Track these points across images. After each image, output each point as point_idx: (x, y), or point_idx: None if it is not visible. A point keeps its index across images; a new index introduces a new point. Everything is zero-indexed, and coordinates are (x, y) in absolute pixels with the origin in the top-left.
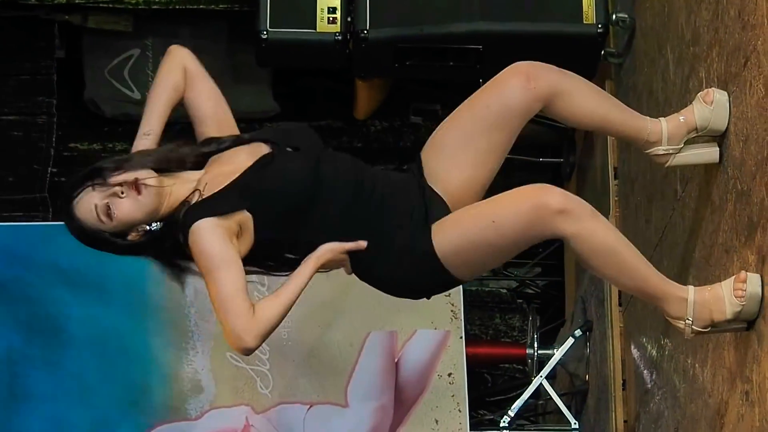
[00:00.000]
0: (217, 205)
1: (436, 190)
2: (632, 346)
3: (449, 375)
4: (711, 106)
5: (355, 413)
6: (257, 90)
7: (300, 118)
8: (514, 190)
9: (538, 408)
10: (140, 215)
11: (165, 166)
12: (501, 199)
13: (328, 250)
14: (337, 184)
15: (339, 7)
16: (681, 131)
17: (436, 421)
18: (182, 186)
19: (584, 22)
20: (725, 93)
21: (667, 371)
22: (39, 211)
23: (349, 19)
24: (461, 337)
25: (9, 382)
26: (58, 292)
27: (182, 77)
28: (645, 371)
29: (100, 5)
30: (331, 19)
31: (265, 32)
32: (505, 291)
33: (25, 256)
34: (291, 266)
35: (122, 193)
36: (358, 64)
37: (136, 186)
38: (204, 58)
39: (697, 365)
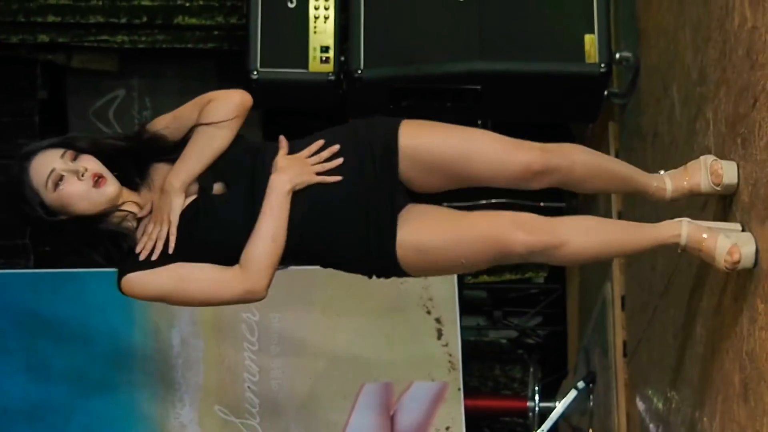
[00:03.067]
0: (152, 263)
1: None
2: (637, 399)
3: (447, 429)
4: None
5: None
6: (247, 130)
7: None
8: (482, 224)
9: None
10: (81, 206)
11: (124, 181)
12: (467, 229)
13: (287, 181)
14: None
15: (332, 47)
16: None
17: None
18: (129, 198)
19: (587, 61)
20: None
21: (674, 425)
22: (20, 258)
23: (342, 58)
24: (459, 389)
25: None
26: (39, 343)
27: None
28: (651, 425)
29: (85, 44)
30: (324, 58)
31: (255, 72)
32: (505, 341)
33: (6, 304)
34: None
35: (82, 176)
36: (352, 105)
37: (98, 180)
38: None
39: (705, 419)
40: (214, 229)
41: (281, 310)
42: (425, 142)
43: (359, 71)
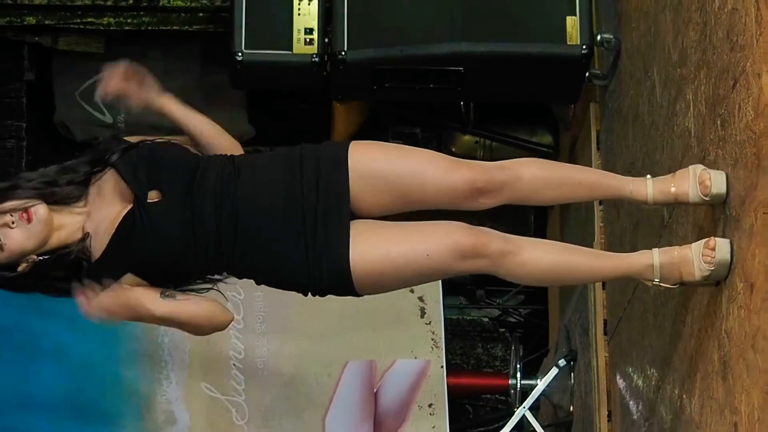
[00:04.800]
0: (103, 276)
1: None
2: (618, 376)
3: (430, 406)
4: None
5: None
6: (232, 113)
7: (276, 142)
8: (429, 231)
9: None
10: (31, 245)
11: (50, 199)
12: (417, 238)
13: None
14: (210, 222)
15: (316, 29)
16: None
17: None
18: (68, 218)
19: (568, 42)
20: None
21: (653, 402)
22: None
23: (326, 40)
24: (442, 367)
25: None
26: (27, 320)
27: None
28: (631, 402)
29: (71, 26)
30: (307, 40)
31: (240, 54)
32: (486, 320)
33: None
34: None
35: (12, 223)
36: (336, 87)
37: (27, 214)
38: (176, 81)
39: (684, 396)
40: (148, 240)
41: (266, 289)
42: (374, 158)
43: (343, 53)
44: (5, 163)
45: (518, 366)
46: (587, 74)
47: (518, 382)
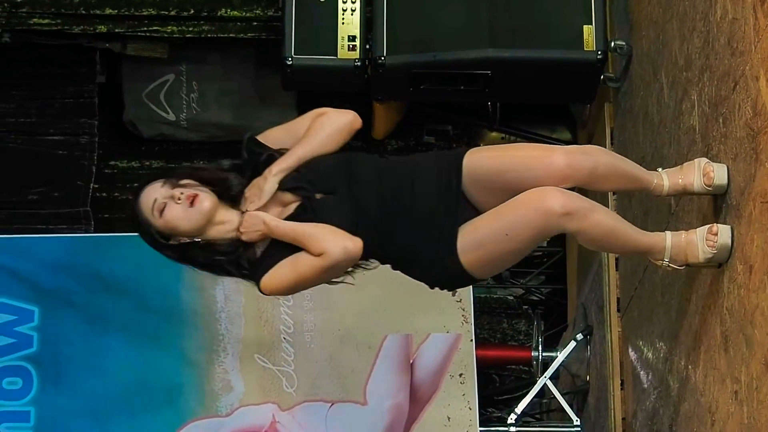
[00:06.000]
0: (269, 262)
1: (467, 195)
2: (630, 349)
3: (460, 375)
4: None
5: (373, 411)
6: (282, 111)
7: None
8: (521, 199)
9: (543, 406)
10: (183, 226)
11: (225, 195)
12: (510, 211)
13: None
14: (372, 216)
15: (358, 36)
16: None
17: (448, 419)
18: (229, 216)
19: (585, 49)
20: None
21: (662, 372)
22: (82, 224)
23: (367, 46)
24: (471, 340)
25: (54, 381)
26: (99, 299)
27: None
28: (642, 372)
29: (138, 34)
30: (351, 46)
31: (290, 59)
32: (511, 298)
33: (69, 265)
34: None
35: (179, 199)
36: (376, 88)
37: (192, 199)
38: (233, 83)
39: (690, 366)
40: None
41: None
42: (482, 157)
43: (382, 58)
44: (79, 157)
45: (540, 339)
46: (602, 77)
47: (540, 354)
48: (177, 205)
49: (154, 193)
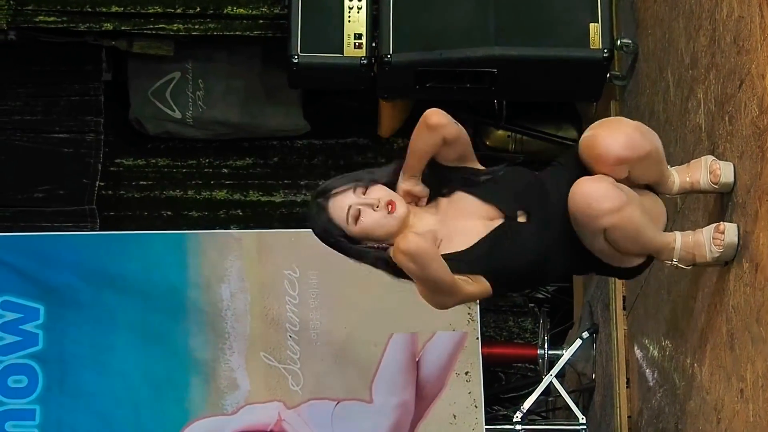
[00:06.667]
0: (458, 267)
1: None
2: (635, 347)
3: (466, 373)
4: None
5: (379, 409)
6: (289, 109)
7: (328, 136)
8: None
9: (549, 404)
10: (381, 232)
11: (412, 200)
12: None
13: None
14: (554, 238)
15: (364, 34)
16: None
17: (454, 416)
18: (420, 223)
19: (591, 47)
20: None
21: (667, 370)
22: (87, 222)
23: (373, 44)
24: (477, 338)
25: (60, 379)
26: (104, 297)
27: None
28: (647, 370)
29: (144, 32)
30: (357, 44)
31: (296, 56)
32: (517, 296)
33: (75, 264)
34: None
35: (377, 207)
36: (382, 86)
37: (391, 206)
38: (239, 80)
39: (695, 365)
40: (515, 255)
41: (319, 268)
42: None
43: (388, 56)
44: (85, 155)
45: (546, 338)
46: (608, 75)
47: (546, 352)
48: (375, 212)
49: (347, 200)
